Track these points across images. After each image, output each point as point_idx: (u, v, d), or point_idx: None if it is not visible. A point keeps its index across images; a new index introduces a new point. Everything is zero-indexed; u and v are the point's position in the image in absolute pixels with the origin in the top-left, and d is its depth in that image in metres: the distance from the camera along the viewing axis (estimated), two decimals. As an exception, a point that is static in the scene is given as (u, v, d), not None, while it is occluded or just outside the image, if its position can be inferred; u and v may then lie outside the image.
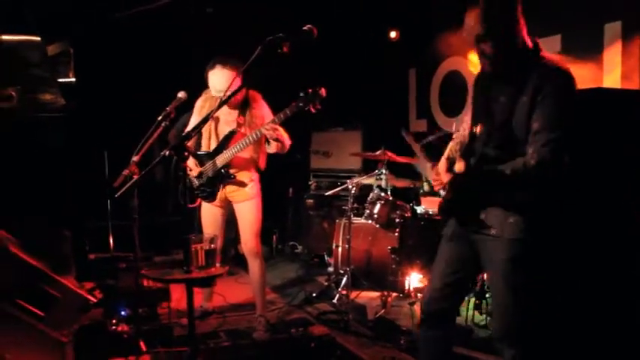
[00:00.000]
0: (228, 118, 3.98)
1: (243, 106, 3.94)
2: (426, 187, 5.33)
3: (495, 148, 2.42)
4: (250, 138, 3.77)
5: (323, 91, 3.51)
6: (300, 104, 3.52)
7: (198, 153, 4.04)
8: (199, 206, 4.14)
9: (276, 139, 3.75)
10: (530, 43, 2.44)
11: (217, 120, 4.01)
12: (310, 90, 3.52)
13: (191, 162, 4.03)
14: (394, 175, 5.24)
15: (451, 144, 2.76)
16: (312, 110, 3.50)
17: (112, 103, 6.15)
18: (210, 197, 4.04)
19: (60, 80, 6.35)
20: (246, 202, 4.03)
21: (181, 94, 3.74)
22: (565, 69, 2.41)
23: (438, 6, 6.36)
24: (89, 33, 6.04)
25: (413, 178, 5.39)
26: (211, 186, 4.01)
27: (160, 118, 3.57)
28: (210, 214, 4.14)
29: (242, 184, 4.00)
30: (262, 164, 4.12)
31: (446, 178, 2.59)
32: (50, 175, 5.68)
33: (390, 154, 4.98)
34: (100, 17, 5.83)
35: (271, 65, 2.40)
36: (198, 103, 4.10)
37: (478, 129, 2.47)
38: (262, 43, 2.35)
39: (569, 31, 4.97)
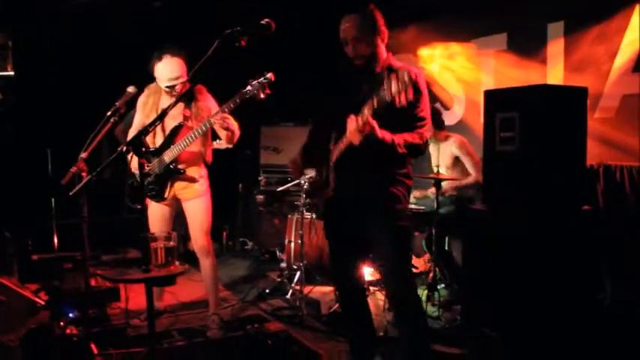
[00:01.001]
0: (173, 112, 3.65)
1: (189, 99, 3.79)
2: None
3: None
4: (199, 130, 3.62)
5: (271, 76, 3.38)
6: (249, 90, 3.38)
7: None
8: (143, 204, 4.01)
9: (227, 129, 3.63)
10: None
11: (156, 110, 3.87)
12: (258, 75, 3.39)
13: (135, 161, 3.88)
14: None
15: None
16: (262, 96, 3.36)
17: (55, 98, 5.94)
18: (159, 196, 3.88)
19: (-2, 74, 6.11)
20: (196, 199, 3.93)
21: (131, 89, 3.65)
22: None
23: (390, 2, 6.42)
24: (30, 25, 5.82)
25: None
26: (159, 184, 3.86)
27: (109, 113, 3.48)
28: (157, 213, 3.98)
29: (191, 181, 3.89)
30: (209, 158, 4.02)
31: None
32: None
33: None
34: (43, 8, 5.61)
35: (227, 59, 2.36)
36: (141, 99, 3.95)
37: None
38: (219, 36, 2.31)
39: (514, 30, 5.11)
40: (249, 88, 3.39)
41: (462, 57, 5.68)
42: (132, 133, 3.97)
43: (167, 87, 3.77)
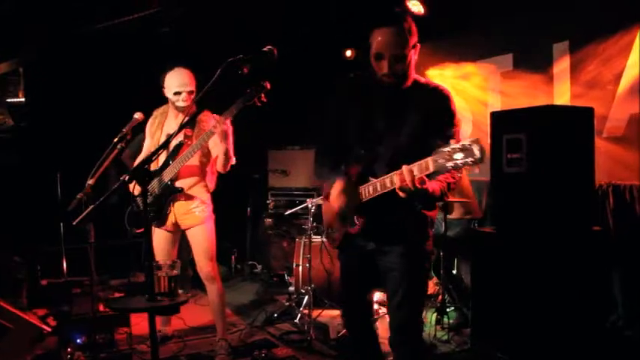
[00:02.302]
0: (173, 130, 3.76)
1: (193, 120, 3.78)
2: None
3: None
4: (198, 144, 3.61)
5: (267, 84, 3.39)
6: (245, 99, 3.39)
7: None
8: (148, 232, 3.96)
9: (224, 136, 3.62)
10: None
11: (161, 132, 3.91)
12: (254, 86, 3.40)
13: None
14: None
15: None
16: (258, 103, 3.38)
17: (65, 123, 6.00)
18: (157, 218, 3.83)
19: (9, 100, 6.19)
20: (198, 226, 3.89)
21: (137, 115, 3.67)
22: None
23: (381, 9, 6.47)
24: (41, 51, 5.90)
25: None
26: (157, 205, 3.81)
27: (115, 139, 3.50)
28: (161, 241, 3.93)
29: (190, 207, 3.85)
30: (212, 185, 3.98)
31: None
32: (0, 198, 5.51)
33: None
34: (53, 36, 5.69)
35: (230, 87, 2.38)
36: (149, 124, 3.98)
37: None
38: (222, 64, 2.33)
39: (520, 50, 5.12)
40: (245, 97, 3.40)
41: (468, 78, 5.69)
42: (140, 158, 3.99)
43: (175, 93, 3.79)
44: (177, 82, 3.79)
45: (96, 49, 5.94)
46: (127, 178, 2.20)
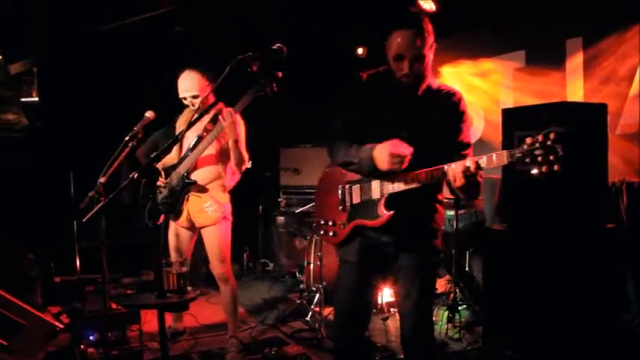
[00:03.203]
0: (198, 126, 3.73)
1: (216, 116, 3.77)
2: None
3: None
4: (211, 136, 3.67)
5: (279, 74, 3.28)
6: (257, 89, 3.38)
7: (165, 167, 3.94)
8: (163, 226, 3.98)
9: (233, 128, 3.65)
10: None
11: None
12: (266, 75, 3.32)
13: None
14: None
15: None
16: (269, 93, 3.30)
17: (78, 122, 6.04)
18: (172, 211, 3.87)
19: (23, 100, 6.25)
20: (211, 226, 3.90)
21: (149, 114, 3.68)
22: None
23: (399, 10, 6.45)
24: (54, 51, 5.95)
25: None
26: (173, 198, 3.86)
27: (127, 138, 3.51)
28: (176, 236, 4.00)
29: (204, 206, 3.86)
30: (230, 183, 3.98)
31: None
32: (14, 196, 5.56)
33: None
34: (66, 35, 5.74)
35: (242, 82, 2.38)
36: (178, 121, 4.02)
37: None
38: (231, 62, 2.33)
39: (532, 47, 5.08)
40: (257, 88, 3.39)
41: (480, 75, 5.66)
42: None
43: (181, 98, 3.87)
44: (181, 88, 3.85)
45: (108, 48, 5.97)
46: (136, 175, 2.21)
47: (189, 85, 3.83)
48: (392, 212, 2.47)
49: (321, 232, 2.74)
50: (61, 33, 5.72)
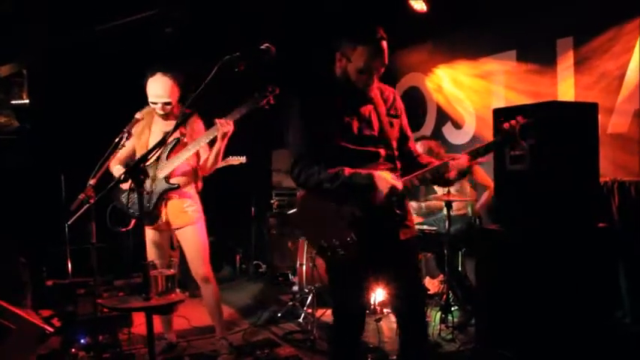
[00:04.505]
0: (166, 130, 3.63)
1: (184, 120, 3.56)
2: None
3: None
4: (196, 144, 3.64)
5: (277, 90, 3.48)
6: (254, 100, 3.46)
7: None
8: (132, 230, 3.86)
9: (223, 137, 3.61)
10: None
11: (149, 133, 3.84)
12: (261, 90, 3.50)
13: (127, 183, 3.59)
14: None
15: None
16: (266, 107, 3.45)
17: (69, 124, 6.01)
18: (147, 216, 3.72)
19: (13, 102, 6.21)
20: (189, 226, 3.83)
21: (139, 115, 3.68)
22: None
23: (397, 24, 6.45)
24: (44, 52, 5.92)
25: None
26: (148, 202, 3.70)
27: (117, 139, 3.50)
28: (153, 241, 3.85)
29: (184, 206, 3.81)
30: (200, 184, 3.97)
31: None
32: (5, 199, 5.52)
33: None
34: (56, 36, 5.71)
35: (227, 84, 2.37)
36: (135, 125, 3.79)
37: None
38: (218, 62, 2.32)
39: (523, 47, 5.09)
40: (254, 99, 3.48)
41: (472, 75, 5.66)
42: (119, 158, 3.93)
43: (151, 102, 3.76)
44: (152, 93, 3.73)
45: (98, 49, 5.94)
46: (122, 177, 2.19)
47: (161, 91, 3.71)
48: (403, 210, 2.69)
49: (328, 254, 2.65)
50: (50, 34, 5.69)
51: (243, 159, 4.95)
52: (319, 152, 2.60)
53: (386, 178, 2.51)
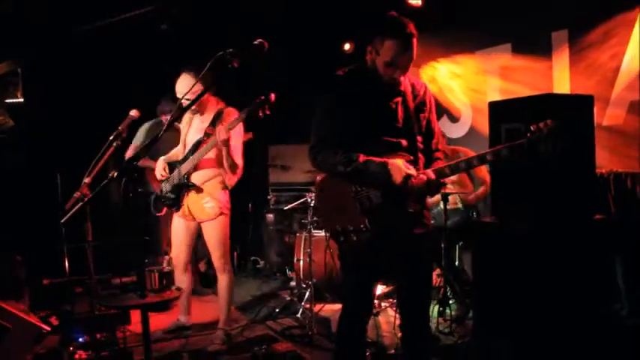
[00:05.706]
0: (199, 127, 4.04)
1: (216, 119, 3.97)
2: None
3: None
4: (209, 146, 3.82)
5: (272, 97, 3.60)
6: (250, 110, 3.62)
7: (171, 161, 4.16)
8: (160, 221, 4.16)
9: (224, 144, 3.76)
10: None
11: (189, 128, 4.12)
12: (262, 97, 3.62)
13: (160, 167, 4.14)
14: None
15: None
16: (261, 115, 3.60)
17: (64, 123, 5.99)
18: (175, 205, 4.12)
19: (8, 101, 6.19)
20: (210, 221, 4.07)
21: (133, 113, 3.68)
22: None
23: (391, 19, 6.44)
24: (39, 51, 5.89)
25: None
26: (175, 193, 4.09)
27: (111, 137, 3.50)
28: (179, 227, 4.19)
29: (202, 202, 4.02)
30: (230, 182, 4.06)
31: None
32: (1, 198, 5.51)
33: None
34: (51, 35, 5.69)
35: (228, 77, 2.38)
36: (184, 118, 4.19)
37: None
38: (212, 58, 2.31)
39: (518, 40, 5.08)
40: (250, 109, 3.63)
41: (467, 68, 5.65)
42: (170, 155, 4.30)
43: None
44: (179, 89, 3.95)
45: (93, 47, 5.92)
46: (115, 174, 2.19)
47: (183, 88, 3.91)
48: (421, 205, 2.73)
49: (342, 239, 2.72)
50: (47, 33, 5.67)
51: (249, 135, 4.94)
52: (340, 138, 2.65)
53: (400, 167, 2.52)
